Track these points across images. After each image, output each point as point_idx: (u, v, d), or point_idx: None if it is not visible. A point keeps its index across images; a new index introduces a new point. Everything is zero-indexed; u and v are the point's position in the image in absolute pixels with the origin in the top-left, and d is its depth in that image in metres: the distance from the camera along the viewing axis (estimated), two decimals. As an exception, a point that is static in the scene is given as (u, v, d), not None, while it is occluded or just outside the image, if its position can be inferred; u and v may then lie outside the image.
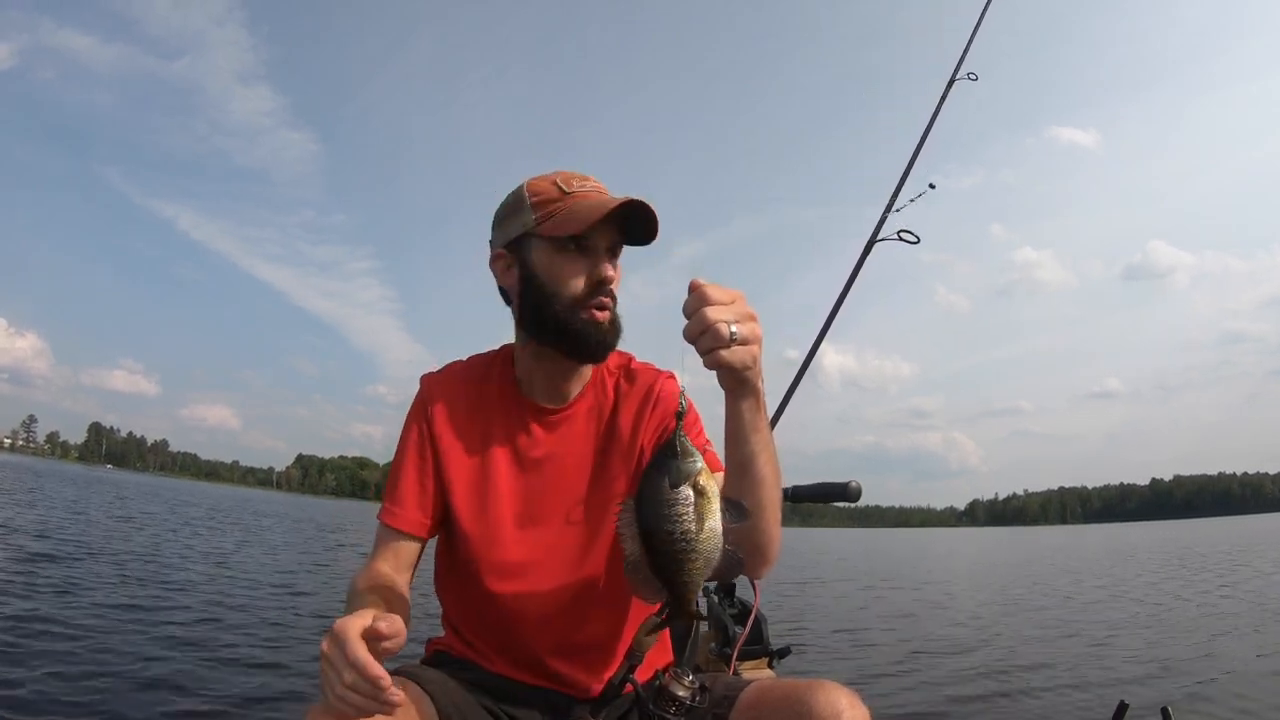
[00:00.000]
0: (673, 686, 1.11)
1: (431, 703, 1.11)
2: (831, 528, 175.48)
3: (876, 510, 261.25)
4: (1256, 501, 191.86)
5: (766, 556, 1.14)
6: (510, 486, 1.28)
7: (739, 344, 0.93)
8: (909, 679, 5.08)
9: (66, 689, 3.45)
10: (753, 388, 1.00)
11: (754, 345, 0.95)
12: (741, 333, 0.93)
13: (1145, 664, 5.52)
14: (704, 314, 0.93)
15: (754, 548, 1.11)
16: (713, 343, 0.93)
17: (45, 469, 60.78)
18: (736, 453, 1.04)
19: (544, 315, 1.23)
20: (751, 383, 0.99)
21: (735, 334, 0.93)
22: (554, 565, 1.26)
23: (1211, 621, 7.70)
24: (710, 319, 0.92)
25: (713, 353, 0.93)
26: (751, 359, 0.95)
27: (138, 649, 4.38)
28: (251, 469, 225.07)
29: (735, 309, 0.94)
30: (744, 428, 1.02)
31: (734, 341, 0.93)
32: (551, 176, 1.24)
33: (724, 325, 0.92)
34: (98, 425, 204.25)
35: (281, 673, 4.20)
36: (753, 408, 1.02)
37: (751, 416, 1.02)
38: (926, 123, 1.83)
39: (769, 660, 1.90)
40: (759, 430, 1.03)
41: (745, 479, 1.05)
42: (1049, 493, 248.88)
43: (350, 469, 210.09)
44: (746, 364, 0.95)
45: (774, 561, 1.17)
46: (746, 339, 0.94)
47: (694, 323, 0.94)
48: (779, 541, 1.14)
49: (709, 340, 0.93)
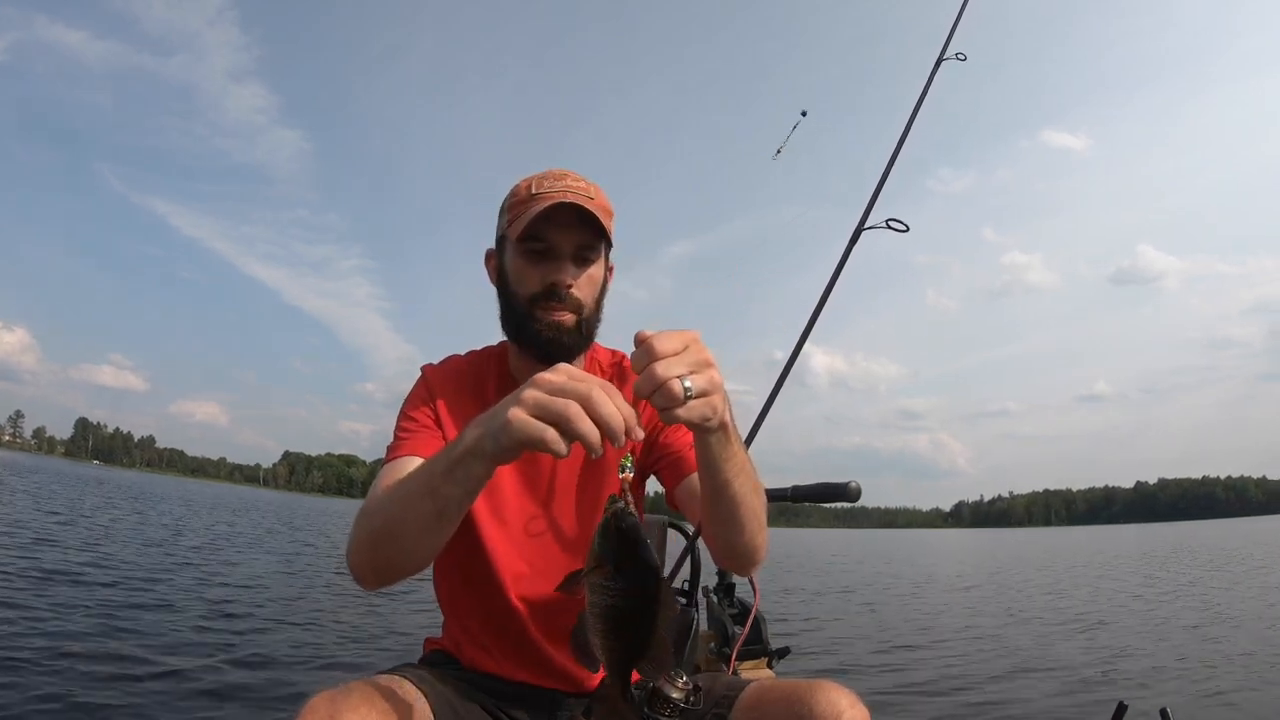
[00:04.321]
0: (666, 688, 1.11)
1: (428, 702, 1.11)
2: (818, 528, 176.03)
3: (862, 511, 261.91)
4: (1241, 505, 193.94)
5: (754, 560, 1.15)
6: (507, 481, 1.28)
7: (695, 398, 0.84)
8: (909, 679, 5.11)
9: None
10: (717, 425, 0.92)
11: (714, 396, 0.86)
12: (698, 385, 0.84)
13: (1144, 665, 5.57)
14: (653, 371, 0.82)
15: (740, 555, 1.12)
16: (665, 402, 0.83)
17: (30, 464, 60.22)
18: (709, 481, 1.02)
19: (508, 316, 1.27)
20: (714, 427, 0.91)
21: (690, 389, 0.83)
22: (549, 560, 1.26)
23: (1208, 623, 7.80)
24: (660, 376, 0.82)
25: (667, 412, 0.83)
26: (711, 410, 0.87)
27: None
28: (239, 466, 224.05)
29: (688, 358, 0.84)
30: (714, 459, 0.98)
31: (689, 397, 0.83)
32: (533, 177, 1.25)
33: (676, 382, 0.82)
34: (84, 421, 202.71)
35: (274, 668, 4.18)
36: (721, 441, 0.96)
37: (721, 449, 0.97)
38: (914, 104, 1.76)
39: (768, 660, 1.90)
40: (731, 458, 0.99)
41: (721, 503, 1.03)
42: (1034, 495, 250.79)
43: (337, 467, 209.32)
44: (706, 417, 0.87)
45: (761, 562, 1.17)
46: (704, 390, 0.85)
47: (644, 380, 0.83)
48: (765, 546, 1.14)
49: (661, 399, 0.83)
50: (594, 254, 1.24)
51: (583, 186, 1.22)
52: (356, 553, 1.08)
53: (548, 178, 1.23)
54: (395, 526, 1.02)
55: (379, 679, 1.10)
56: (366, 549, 1.06)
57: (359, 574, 1.09)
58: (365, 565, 1.07)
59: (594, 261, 1.25)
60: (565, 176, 1.23)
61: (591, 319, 1.27)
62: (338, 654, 4.94)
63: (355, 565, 1.09)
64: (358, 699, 1.00)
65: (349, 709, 0.98)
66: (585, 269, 1.24)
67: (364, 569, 1.08)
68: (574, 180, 1.23)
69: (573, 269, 1.22)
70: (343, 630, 5.82)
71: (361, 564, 1.08)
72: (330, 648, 5.12)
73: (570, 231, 1.20)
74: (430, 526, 0.99)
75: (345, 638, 5.54)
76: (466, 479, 0.94)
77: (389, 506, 1.04)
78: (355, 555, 1.08)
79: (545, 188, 1.21)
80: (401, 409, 1.31)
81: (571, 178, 1.24)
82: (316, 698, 0.99)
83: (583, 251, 1.23)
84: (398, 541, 1.02)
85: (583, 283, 1.23)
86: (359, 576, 1.09)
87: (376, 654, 4.96)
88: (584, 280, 1.24)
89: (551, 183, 1.22)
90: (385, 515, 1.04)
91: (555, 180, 1.22)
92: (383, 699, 1.03)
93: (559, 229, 1.20)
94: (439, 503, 0.97)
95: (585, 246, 1.23)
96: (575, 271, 1.22)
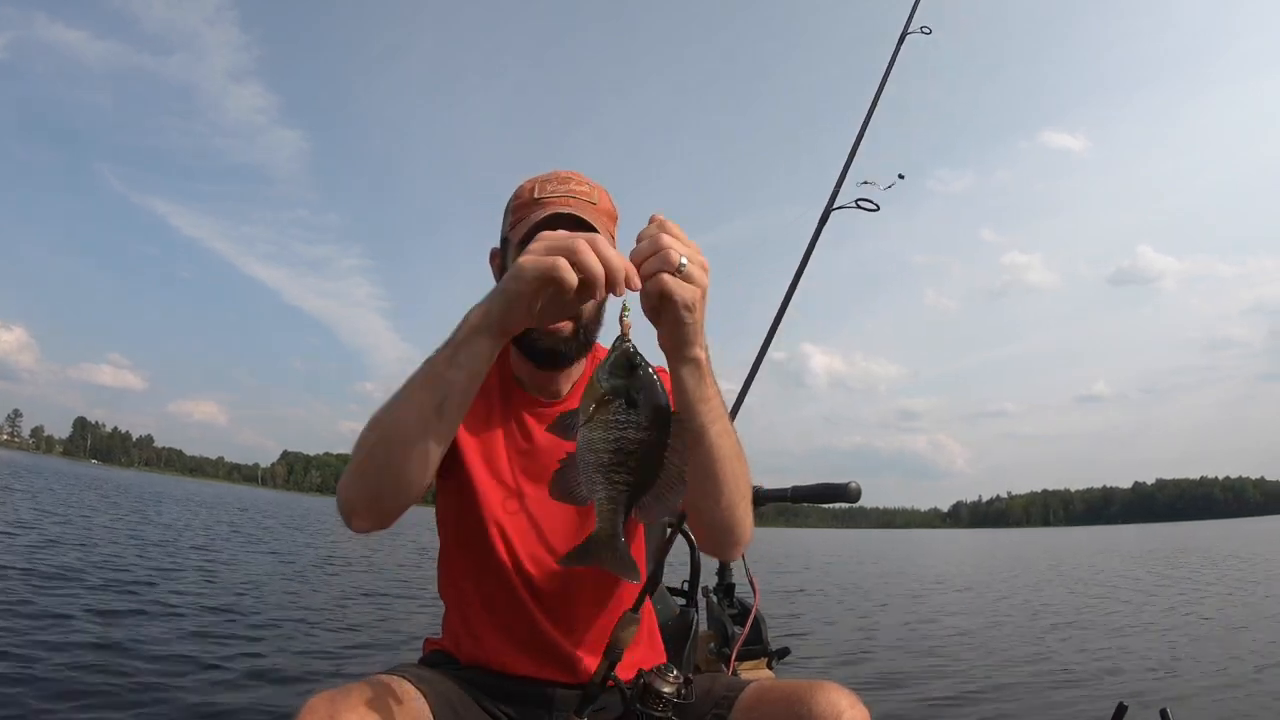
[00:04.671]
0: (657, 683, 1.10)
1: (427, 701, 1.11)
2: (815, 528, 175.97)
3: (860, 511, 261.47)
4: (1239, 506, 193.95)
5: (735, 537, 1.11)
6: (508, 475, 1.29)
7: (685, 279, 0.89)
8: (908, 679, 5.11)
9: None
10: (692, 350, 0.95)
11: (699, 289, 0.91)
12: (691, 270, 0.90)
13: (1144, 665, 5.58)
14: (659, 237, 0.90)
15: (721, 528, 1.09)
16: (661, 265, 0.89)
17: (28, 464, 60.12)
18: (686, 423, 0.99)
19: None
20: (690, 339, 0.94)
21: (684, 266, 0.89)
22: (547, 555, 1.27)
23: (1208, 623, 7.81)
24: (664, 243, 0.89)
25: (657, 276, 0.89)
26: (694, 300, 0.91)
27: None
28: (237, 465, 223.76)
29: (691, 250, 0.91)
30: (688, 397, 0.97)
31: (681, 273, 0.89)
32: (537, 179, 1.25)
33: (675, 254, 0.89)
34: (83, 420, 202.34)
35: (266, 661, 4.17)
36: (694, 374, 0.97)
37: (695, 384, 0.97)
38: (880, 80, 1.67)
39: (768, 661, 1.89)
40: (706, 400, 0.99)
41: (699, 450, 0.99)
42: (1032, 495, 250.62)
43: (336, 466, 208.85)
44: (689, 303, 0.90)
45: (745, 543, 1.14)
46: (693, 277, 0.90)
47: (646, 244, 0.90)
48: (749, 523, 1.12)
49: (657, 262, 0.89)
50: None
51: (585, 191, 1.22)
52: (347, 484, 1.04)
53: (551, 180, 1.23)
54: (391, 432, 1.00)
55: (379, 679, 1.10)
56: (357, 475, 1.03)
57: (349, 508, 1.05)
58: (356, 494, 1.04)
59: None
60: (569, 180, 1.23)
61: (590, 325, 1.28)
62: (337, 654, 4.94)
63: (346, 499, 1.05)
64: (357, 699, 1.01)
65: (348, 709, 0.98)
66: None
67: (355, 499, 1.04)
68: (578, 184, 1.23)
69: None
70: (342, 630, 5.81)
71: (352, 495, 1.04)
72: (330, 648, 5.11)
73: None
74: (429, 424, 0.97)
75: (345, 638, 5.53)
76: (472, 359, 0.95)
77: (383, 413, 1.01)
78: (346, 487, 1.04)
79: (548, 192, 1.21)
80: None
81: (575, 181, 1.23)
82: (316, 698, 0.99)
83: None
84: (392, 452, 0.99)
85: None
86: (349, 511, 1.05)
87: (376, 654, 4.96)
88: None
89: (555, 186, 1.22)
90: (379, 425, 1.01)
91: (559, 184, 1.22)
92: (382, 699, 1.04)
93: None
94: (439, 392, 0.96)
95: None
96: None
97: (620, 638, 1.15)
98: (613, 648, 1.15)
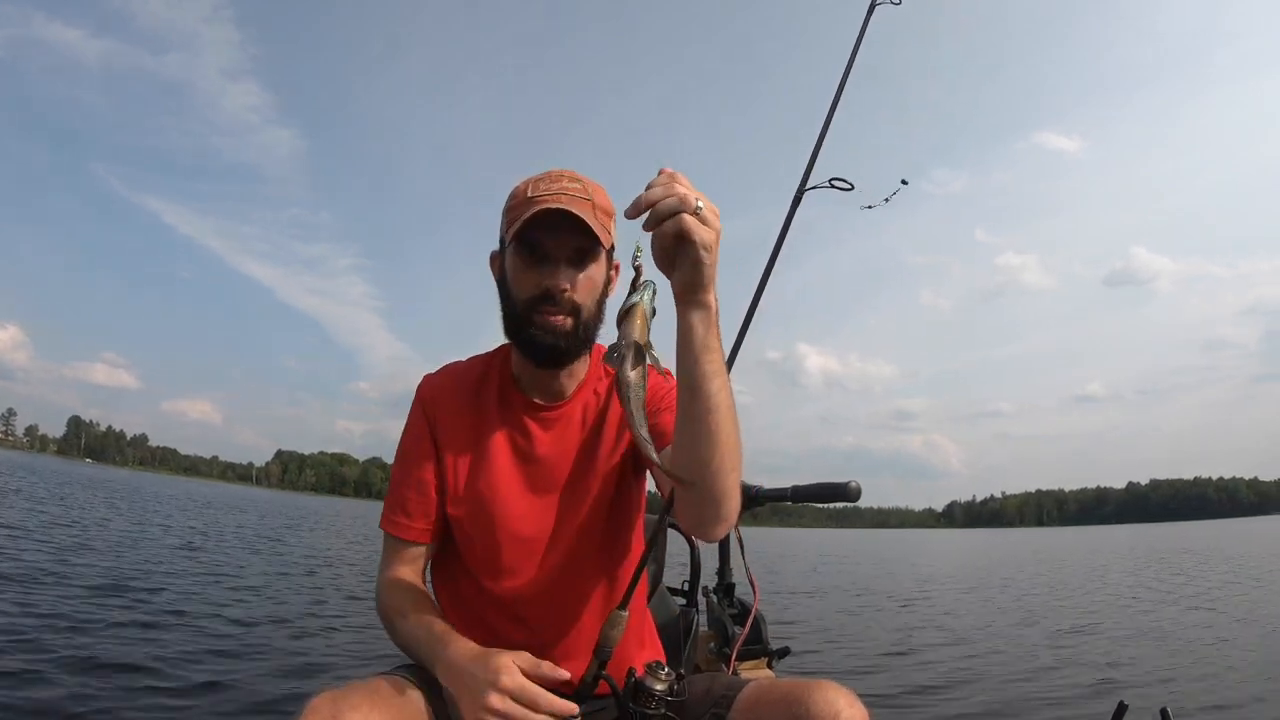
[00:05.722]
0: (649, 681, 1.10)
1: (428, 701, 1.12)
2: (810, 528, 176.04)
3: (855, 511, 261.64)
4: (1232, 506, 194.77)
5: (722, 511, 1.08)
6: (507, 483, 1.28)
7: (702, 221, 0.91)
8: (907, 679, 5.11)
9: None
10: (706, 294, 0.96)
11: (714, 231, 0.93)
12: (706, 213, 0.91)
13: (1144, 665, 5.59)
14: (674, 184, 0.91)
15: (708, 497, 1.05)
16: (679, 205, 0.90)
17: (22, 462, 59.89)
18: (687, 373, 0.98)
19: (507, 319, 1.28)
20: (705, 282, 0.95)
21: (700, 208, 0.91)
22: (547, 560, 1.27)
23: (1207, 622, 7.84)
24: (679, 189, 0.91)
25: (677, 216, 0.90)
26: (712, 241, 0.92)
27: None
28: (231, 464, 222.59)
29: (703, 197, 0.92)
30: (695, 344, 0.97)
31: (698, 215, 0.90)
32: (533, 178, 1.24)
33: (691, 198, 0.90)
34: (77, 419, 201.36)
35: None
36: (704, 320, 0.97)
37: (704, 332, 0.97)
38: (850, 51, 1.57)
39: (768, 660, 1.89)
40: (711, 350, 0.98)
41: (696, 402, 0.99)
42: (1026, 495, 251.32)
43: (330, 465, 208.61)
44: (706, 243, 0.92)
45: (731, 522, 1.11)
46: (709, 220, 0.91)
47: (660, 188, 0.92)
48: (737, 499, 1.08)
49: (674, 203, 0.90)
50: (592, 256, 1.23)
51: (579, 188, 1.21)
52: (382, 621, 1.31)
53: (545, 179, 1.23)
54: (398, 642, 1.25)
55: (380, 678, 1.11)
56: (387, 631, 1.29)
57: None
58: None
59: (592, 263, 1.24)
60: (562, 178, 1.22)
61: (591, 321, 1.26)
62: (339, 654, 4.93)
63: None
64: (359, 698, 1.01)
65: (350, 708, 0.99)
66: (583, 271, 1.22)
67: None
68: (570, 181, 1.22)
69: (569, 272, 1.21)
70: (344, 630, 5.79)
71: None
72: (331, 648, 5.11)
73: (564, 235, 1.19)
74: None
75: (346, 638, 5.52)
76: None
77: (393, 635, 1.26)
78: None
79: (541, 190, 1.20)
80: (401, 435, 1.36)
81: (569, 178, 1.23)
82: (318, 698, 1.00)
83: (580, 254, 1.22)
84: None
85: (581, 285, 1.22)
86: None
87: (377, 654, 4.94)
88: (582, 283, 1.22)
89: (548, 185, 1.21)
90: (391, 634, 1.27)
91: (551, 182, 1.21)
92: (384, 698, 1.04)
93: (552, 233, 1.19)
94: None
95: (582, 249, 1.22)
96: (572, 275, 1.21)
97: (609, 636, 1.15)
98: (602, 646, 1.15)
